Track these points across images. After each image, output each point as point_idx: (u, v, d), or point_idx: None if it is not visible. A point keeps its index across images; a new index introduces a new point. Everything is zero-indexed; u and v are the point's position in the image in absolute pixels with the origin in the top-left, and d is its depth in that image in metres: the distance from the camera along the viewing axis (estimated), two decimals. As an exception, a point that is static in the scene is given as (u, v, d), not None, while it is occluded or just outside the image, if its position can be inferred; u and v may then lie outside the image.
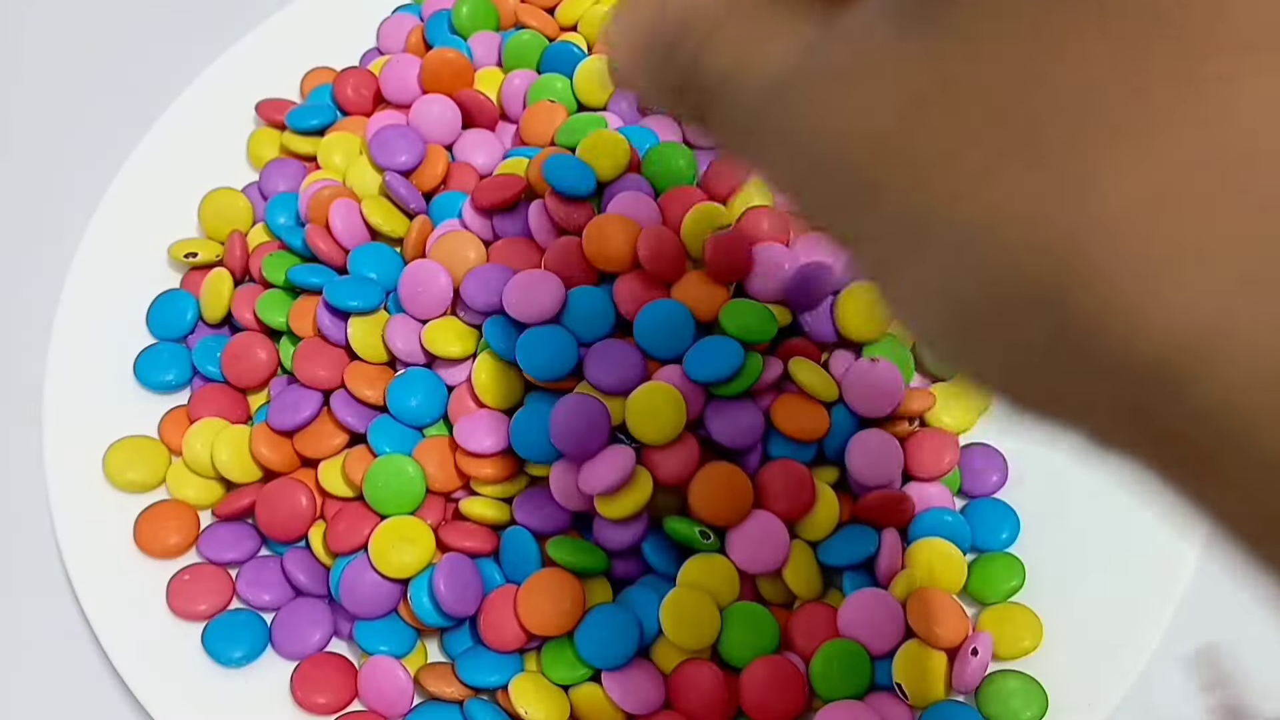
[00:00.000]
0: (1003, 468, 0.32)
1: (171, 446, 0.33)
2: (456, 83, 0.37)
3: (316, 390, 0.32)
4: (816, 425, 0.31)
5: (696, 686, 0.29)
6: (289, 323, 0.33)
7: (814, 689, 0.29)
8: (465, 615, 0.30)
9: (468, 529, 0.30)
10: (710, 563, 0.30)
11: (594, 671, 0.29)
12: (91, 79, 0.44)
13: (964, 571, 0.30)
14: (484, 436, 0.31)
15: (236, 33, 0.40)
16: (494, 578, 0.30)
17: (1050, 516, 0.31)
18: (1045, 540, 0.31)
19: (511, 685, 0.29)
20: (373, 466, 0.31)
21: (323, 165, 0.37)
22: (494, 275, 0.32)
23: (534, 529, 0.30)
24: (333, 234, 0.34)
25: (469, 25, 0.39)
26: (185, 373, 0.34)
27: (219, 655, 0.30)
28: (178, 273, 0.37)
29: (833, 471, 0.31)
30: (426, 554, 0.30)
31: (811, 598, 0.30)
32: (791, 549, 0.30)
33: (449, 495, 0.32)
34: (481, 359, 0.32)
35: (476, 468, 0.31)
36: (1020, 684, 0.29)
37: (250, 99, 0.39)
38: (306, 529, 0.31)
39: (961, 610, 0.29)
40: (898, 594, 0.29)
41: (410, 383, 0.32)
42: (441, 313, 0.33)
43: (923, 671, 0.28)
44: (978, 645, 0.28)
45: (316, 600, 0.31)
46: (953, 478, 0.32)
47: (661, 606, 0.29)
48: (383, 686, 0.29)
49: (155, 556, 0.32)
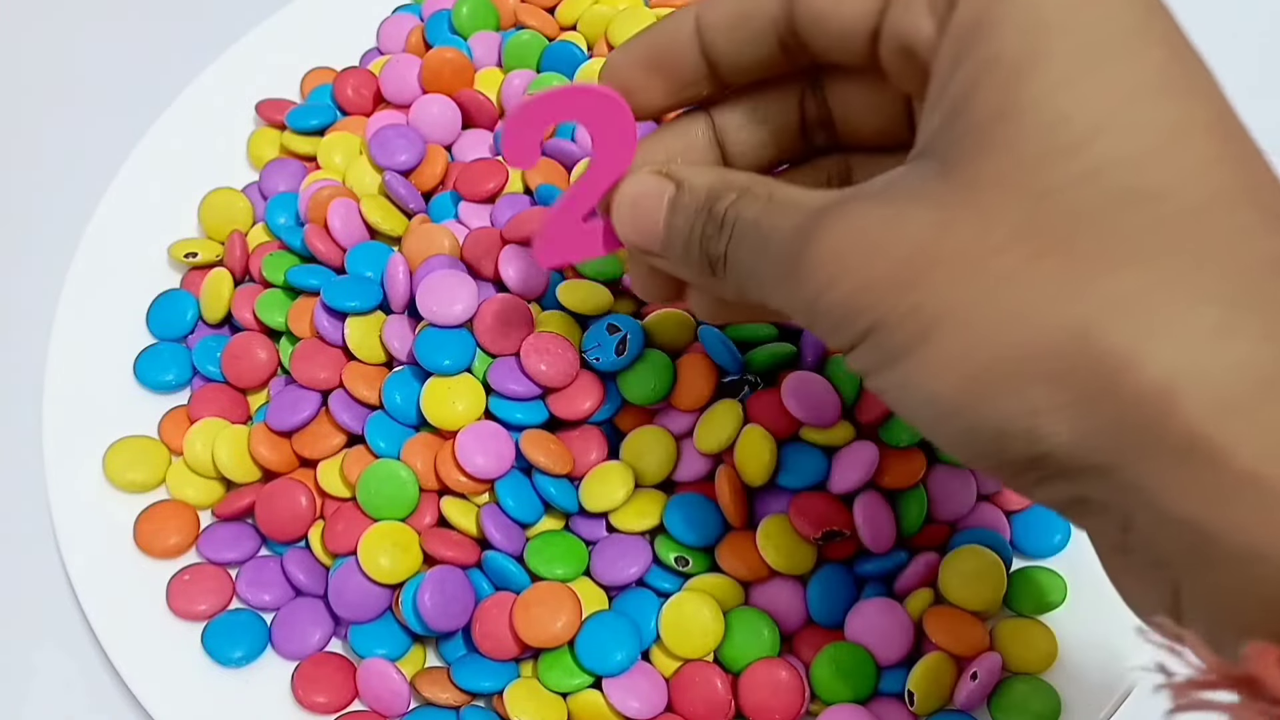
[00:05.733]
0: None
1: (171, 446, 0.33)
2: (456, 83, 0.38)
3: (315, 391, 0.32)
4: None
5: (698, 689, 0.29)
6: (288, 323, 0.33)
7: (815, 692, 0.29)
8: (452, 629, 0.30)
9: (454, 539, 0.30)
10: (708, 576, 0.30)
11: (593, 679, 0.29)
12: (92, 78, 0.44)
13: (1002, 584, 0.30)
14: (484, 458, 0.30)
15: (236, 33, 0.40)
16: (484, 587, 0.30)
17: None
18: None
19: (506, 693, 0.29)
20: (366, 471, 0.31)
21: (323, 165, 0.37)
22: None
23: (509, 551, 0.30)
24: (331, 234, 0.34)
25: (469, 25, 0.39)
26: (185, 373, 0.34)
27: (219, 655, 0.30)
28: (178, 273, 0.37)
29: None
30: (415, 560, 0.30)
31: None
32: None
33: (439, 492, 0.31)
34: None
35: (468, 487, 0.31)
36: (1030, 687, 0.29)
37: (250, 99, 0.39)
38: (306, 529, 0.31)
39: (980, 627, 0.29)
40: (912, 609, 0.29)
41: (406, 380, 0.32)
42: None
43: (936, 683, 0.28)
44: (978, 669, 0.28)
45: (316, 600, 0.31)
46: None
47: (661, 614, 0.29)
48: (378, 689, 0.29)
49: (155, 556, 0.32)
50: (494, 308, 0.32)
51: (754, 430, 0.30)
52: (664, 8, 0.39)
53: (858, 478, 0.29)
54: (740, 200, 0.20)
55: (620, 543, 0.30)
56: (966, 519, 0.31)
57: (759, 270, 0.20)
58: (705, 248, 0.21)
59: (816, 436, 0.30)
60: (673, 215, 0.21)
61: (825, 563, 0.30)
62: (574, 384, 0.31)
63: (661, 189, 0.22)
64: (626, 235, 0.23)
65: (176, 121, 0.39)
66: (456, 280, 0.32)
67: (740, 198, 0.20)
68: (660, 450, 0.31)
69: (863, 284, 0.17)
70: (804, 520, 0.29)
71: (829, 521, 0.29)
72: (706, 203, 0.21)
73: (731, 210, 0.20)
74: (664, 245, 0.22)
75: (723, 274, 0.21)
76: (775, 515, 0.30)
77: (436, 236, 0.33)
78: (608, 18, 0.38)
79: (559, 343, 0.31)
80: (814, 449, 0.30)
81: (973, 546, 0.30)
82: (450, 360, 0.31)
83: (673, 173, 0.22)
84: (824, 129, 0.24)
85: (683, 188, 0.21)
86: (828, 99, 0.23)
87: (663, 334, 0.32)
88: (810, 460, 0.30)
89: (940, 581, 0.30)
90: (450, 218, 0.35)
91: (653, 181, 0.22)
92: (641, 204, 0.22)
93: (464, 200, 0.35)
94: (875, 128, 0.23)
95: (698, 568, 0.30)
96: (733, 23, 0.22)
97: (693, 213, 0.21)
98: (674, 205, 0.21)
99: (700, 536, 0.30)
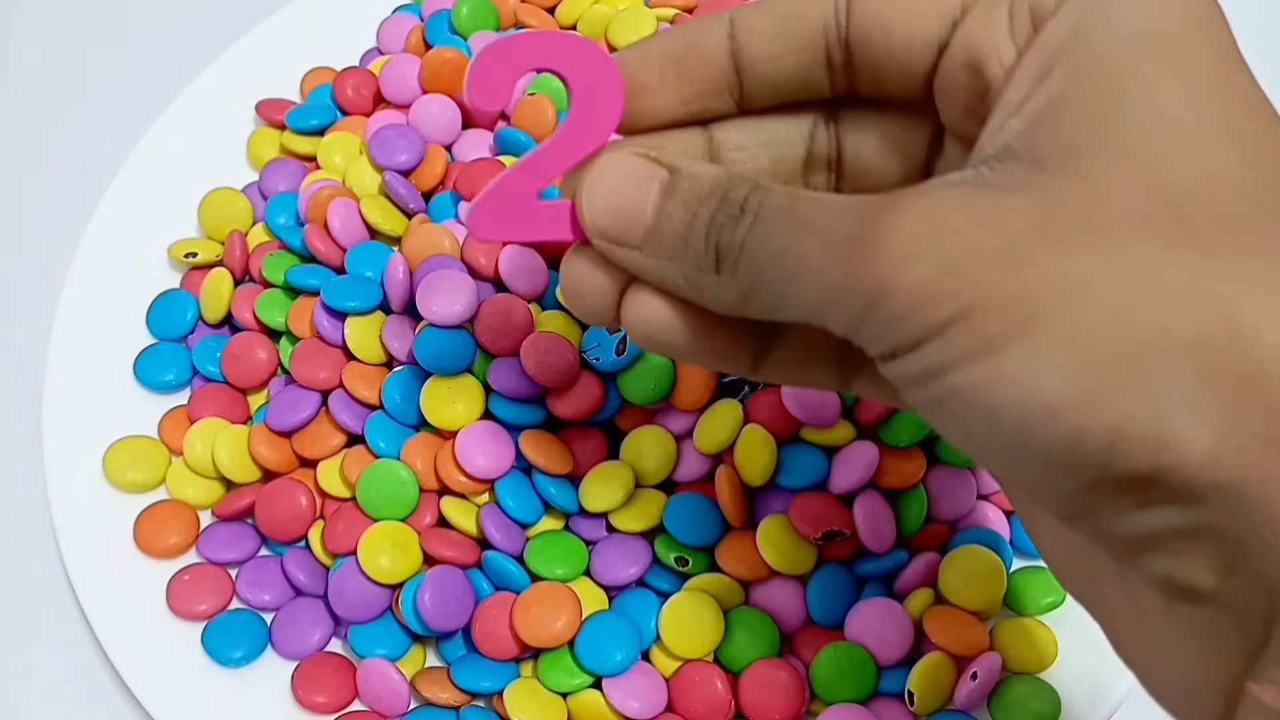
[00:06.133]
0: None
1: (171, 446, 0.33)
2: (456, 83, 0.37)
3: (315, 391, 0.32)
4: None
5: (698, 689, 0.29)
6: (288, 323, 0.33)
7: (815, 692, 0.29)
8: (452, 629, 0.30)
9: (454, 539, 0.30)
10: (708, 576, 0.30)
11: (593, 679, 0.29)
12: (92, 79, 0.44)
13: (1002, 584, 0.30)
14: (484, 458, 0.30)
15: (236, 33, 0.40)
16: (484, 587, 0.30)
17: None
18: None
19: (506, 693, 0.29)
20: (366, 471, 0.31)
21: (323, 165, 0.37)
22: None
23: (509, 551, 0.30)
24: (331, 234, 0.34)
25: (469, 25, 0.39)
26: (185, 373, 0.34)
27: (219, 655, 0.30)
28: (178, 273, 0.37)
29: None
30: (415, 560, 0.30)
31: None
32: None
33: (439, 492, 0.31)
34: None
35: (468, 487, 0.31)
36: (1030, 687, 0.29)
37: (250, 99, 0.39)
38: (306, 529, 0.31)
39: (980, 627, 0.29)
40: (912, 609, 0.29)
41: (406, 380, 0.32)
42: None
43: (936, 683, 0.28)
44: (978, 669, 0.28)
45: (316, 600, 0.31)
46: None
47: (661, 614, 0.29)
48: (377, 689, 0.29)
49: (155, 556, 0.32)
50: (494, 308, 0.32)
51: (754, 430, 0.30)
52: (664, 8, 0.39)
53: (858, 478, 0.29)
54: (760, 190, 0.18)
55: (620, 543, 0.30)
56: (966, 519, 0.31)
57: (791, 261, 0.17)
58: (716, 237, 0.18)
59: (816, 436, 0.30)
60: (667, 200, 0.19)
61: (825, 563, 0.30)
62: (574, 384, 0.31)
63: (651, 172, 0.19)
64: (597, 220, 0.19)
65: (176, 121, 0.39)
66: (456, 280, 0.32)
67: (758, 188, 0.18)
68: (660, 450, 0.31)
69: (948, 263, 0.15)
70: (804, 520, 0.29)
71: (829, 521, 0.29)
72: (716, 190, 0.18)
73: (754, 197, 0.18)
74: (649, 235, 0.19)
75: (731, 269, 0.18)
76: (775, 515, 0.30)
77: (436, 236, 0.33)
78: (608, 18, 0.38)
79: (559, 343, 0.31)
80: (814, 449, 0.30)
81: (973, 546, 0.30)
82: (450, 360, 0.31)
83: (662, 158, 0.19)
84: (827, 169, 0.22)
85: (679, 173, 0.19)
86: (841, 135, 0.22)
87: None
88: (810, 460, 0.30)
89: (940, 581, 0.30)
90: (450, 218, 0.35)
91: (639, 163, 0.19)
92: (623, 186, 0.19)
93: (464, 200, 0.35)
94: (886, 171, 0.22)
95: (698, 568, 0.30)
96: (778, 29, 0.20)
97: (695, 199, 0.18)
98: (669, 190, 0.19)
99: (700, 536, 0.30)
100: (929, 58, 0.19)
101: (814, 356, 0.22)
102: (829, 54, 0.20)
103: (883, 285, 0.15)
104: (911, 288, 0.15)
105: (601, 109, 0.20)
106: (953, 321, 0.15)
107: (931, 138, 0.21)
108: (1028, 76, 0.17)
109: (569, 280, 0.21)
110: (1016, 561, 0.31)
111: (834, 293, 0.16)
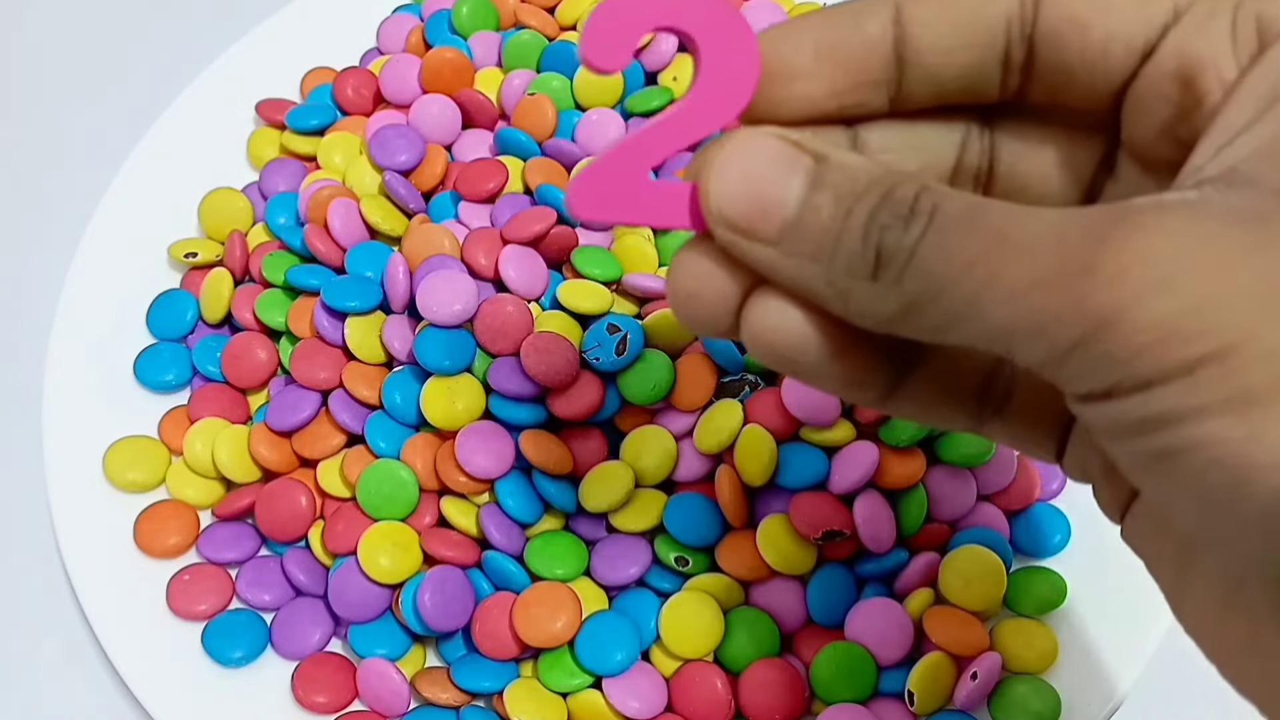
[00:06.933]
0: (1062, 475, 0.32)
1: (171, 446, 0.33)
2: (456, 83, 0.38)
3: (315, 391, 0.32)
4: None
5: (698, 689, 0.29)
6: (288, 323, 0.33)
7: (815, 692, 0.29)
8: (452, 629, 0.30)
9: (454, 539, 0.30)
10: (708, 576, 0.30)
11: (593, 679, 0.29)
12: (91, 79, 0.44)
13: (1002, 584, 0.30)
14: (484, 458, 0.30)
15: (236, 33, 0.40)
16: (484, 587, 0.30)
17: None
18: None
19: (506, 693, 0.29)
20: (366, 471, 0.31)
21: (323, 165, 0.37)
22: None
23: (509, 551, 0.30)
24: (331, 234, 0.34)
25: (469, 25, 0.39)
26: (185, 373, 0.34)
27: (219, 655, 0.30)
28: (178, 273, 0.37)
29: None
30: (415, 560, 0.30)
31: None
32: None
33: (439, 492, 0.31)
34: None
35: (468, 487, 0.31)
36: (1030, 687, 0.29)
37: (250, 99, 0.39)
38: (306, 529, 0.31)
39: (980, 627, 0.29)
40: (912, 609, 0.29)
41: (406, 380, 0.32)
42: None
43: (936, 683, 0.28)
44: (978, 669, 0.28)
45: (316, 600, 0.31)
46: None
47: (661, 614, 0.29)
48: (377, 689, 0.29)
49: (155, 556, 0.32)
50: (494, 308, 0.32)
51: (754, 430, 0.30)
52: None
53: (858, 478, 0.29)
54: (931, 191, 0.15)
55: (620, 543, 0.30)
56: (966, 519, 0.31)
57: (980, 276, 0.14)
58: (879, 239, 0.15)
59: (816, 436, 0.30)
60: (814, 193, 0.16)
61: (825, 563, 0.30)
62: (574, 384, 0.31)
63: (794, 158, 0.16)
64: (725, 208, 0.16)
65: (176, 121, 0.39)
66: (456, 280, 0.32)
67: (928, 189, 0.15)
68: (660, 450, 0.31)
69: (1204, 299, 0.13)
70: (804, 520, 0.29)
71: (829, 521, 0.29)
72: (875, 185, 0.16)
73: (926, 197, 0.15)
74: (789, 230, 0.16)
75: (894, 278, 0.15)
76: (775, 515, 0.30)
77: (436, 236, 0.33)
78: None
79: (559, 343, 0.31)
80: (814, 449, 0.30)
81: (973, 546, 0.30)
82: (450, 360, 0.31)
83: (805, 143, 0.16)
84: (974, 183, 0.20)
85: (828, 163, 0.16)
86: (996, 146, 0.19)
87: (663, 334, 0.32)
88: (810, 460, 0.30)
89: (940, 581, 0.30)
90: (450, 218, 0.35)
91: (781, 145, 0.16)
92: (762, 170, 0.16)
93: (464, 200, 0.35)
94: (1045, 191, 0.19)
95: (698, 568, 0.30)
96: (954, 19, 0.17)
97: (850, 194, 0.16)
98: (817, 180, 0.16)
99: (700, 536, 0.30)
100: (1128, 63, 0.17)
101: (953, 391, 0.19)
102: (1008, 51, 0.18)
103: (1113, 314, 0.13)
104: (1154, 321, 0.13)
105: (732, 82, 0.17)
106: (1203, 363, 0.13)
107: (1102, 158, 0.19)
108: (1257, 95, 0.15)
109: (682, 279, 0.17)
110: (1016, 561, 0.31)
111: (1036, 317, 0.14)
